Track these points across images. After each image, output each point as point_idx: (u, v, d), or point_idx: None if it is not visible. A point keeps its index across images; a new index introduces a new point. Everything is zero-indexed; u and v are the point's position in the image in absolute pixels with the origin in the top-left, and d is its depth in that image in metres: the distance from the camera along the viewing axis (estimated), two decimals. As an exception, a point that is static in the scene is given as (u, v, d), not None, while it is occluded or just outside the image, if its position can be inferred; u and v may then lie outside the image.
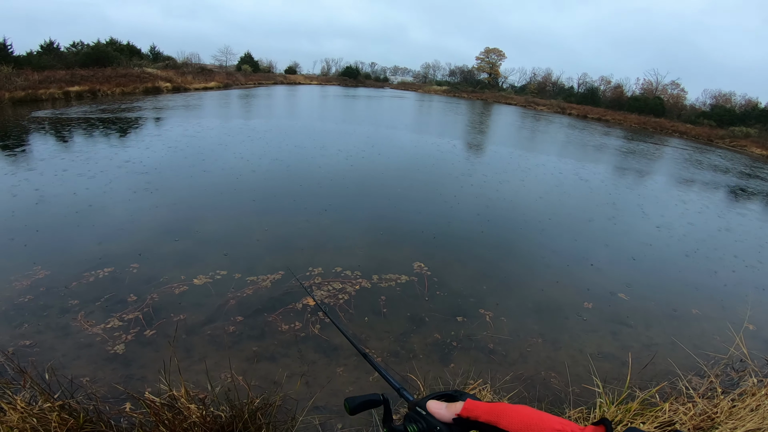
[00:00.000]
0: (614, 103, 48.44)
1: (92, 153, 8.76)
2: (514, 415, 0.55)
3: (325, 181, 8.23)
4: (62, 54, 25.44)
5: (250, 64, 47.21)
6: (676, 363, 3.56)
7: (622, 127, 35.64)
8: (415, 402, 0.66)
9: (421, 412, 0.64)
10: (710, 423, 2.46)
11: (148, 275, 4.32)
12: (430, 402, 0.64)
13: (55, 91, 17.21)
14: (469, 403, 0.61)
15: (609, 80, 54.50)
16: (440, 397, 0.66)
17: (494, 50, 61.94)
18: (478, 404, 0.60)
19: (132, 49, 32.67)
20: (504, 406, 0.58)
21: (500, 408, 0.57)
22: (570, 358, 3.74)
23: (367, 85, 58.57)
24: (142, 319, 3.64)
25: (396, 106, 29.77)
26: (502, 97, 51.55)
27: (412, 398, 0.68)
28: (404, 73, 74.45)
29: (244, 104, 22.14)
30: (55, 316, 3.60)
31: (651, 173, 14.24)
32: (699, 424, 2.47)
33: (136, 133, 11.39)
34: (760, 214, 10.52)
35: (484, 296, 4.65)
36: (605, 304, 4.79)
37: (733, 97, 46.40)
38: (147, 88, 22.53)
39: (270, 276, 4.53)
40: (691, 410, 2.58)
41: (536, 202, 8.48)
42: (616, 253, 6.38)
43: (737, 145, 30.70)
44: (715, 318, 4.77)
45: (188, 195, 6.76)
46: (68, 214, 5.62)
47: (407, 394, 0.71)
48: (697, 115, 42.79)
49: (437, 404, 0.64)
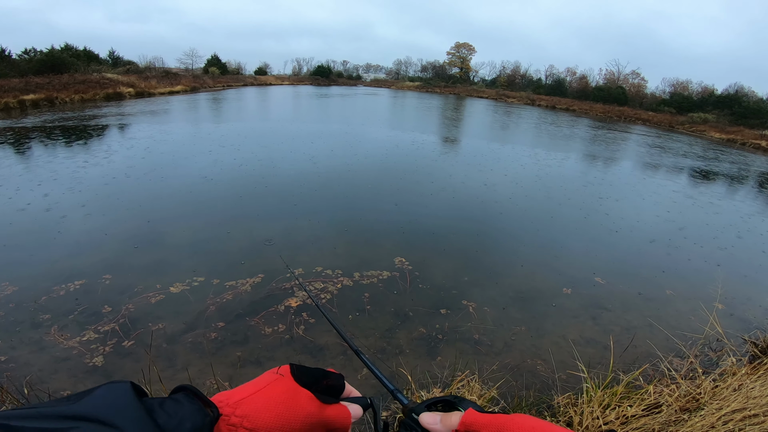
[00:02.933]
0: (580, 93, 49.93)
1: (53, 163, 8.33)
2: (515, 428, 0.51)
3: (301, 182, 8.12)
4: (14, 62, 24.11)
5: (217, 67, 46.07)
6: (655, 345, 3.69)
7: (588, 116, 36.78)
8: (411, 408, 0.61)
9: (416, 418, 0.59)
10: (695, 404, 2.54)
11: (122, 285, 4.16)
12: (424, 415, 0.59)
13: (9, 100, 16.29)
14: (468, 416, 0.55)
15: (574, 71, 56.17)
16: (436, 404, 0.61)
17: (464, 45, 62.73)
18: (477, 417, 0.54)
19: (89, 54, 31.41)
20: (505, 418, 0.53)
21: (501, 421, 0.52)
22: (554, 345, 3.82)
23: (340, 84, 58.28)
24: (119, 330, 3.50)
25: (370, 104, 29.70)
26: (474, 90, 52.32)
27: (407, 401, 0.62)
28: (377, 70, 74.41)
29: (212, 108, 21.58)
30: (27, 331, 3.44)
31: (618, 160, 14.75)
32: (685, 405, 2.54)
33: (99, 141, 10.92)
34: (726, 194, 11.07)
35: (466, 288, 4.70)
36: (583, 289, 4.93)
37: (690, 85, 48.65)
38: (108, 94, 21.59)
39: (250, 280, 4.43)
40: (675, 392, 2.65)
41: (513, 193, 8.63)
42: (592, 240, 6.58)
43: (696, 130, 32.22)
44: (689, 298, 4.96)
45: (159, 203, 6.53)
46: (34, 228, 5.33)
47: (402, 396, 0.64)
48: (658, 103, 44.60)
49: (431, 417, 0.58)
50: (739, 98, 38.93)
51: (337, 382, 0.61)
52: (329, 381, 0.60)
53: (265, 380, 0.56)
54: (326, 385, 0.59)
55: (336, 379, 0.61)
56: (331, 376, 0.60)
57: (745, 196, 11.02)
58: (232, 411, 0.48)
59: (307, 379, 0.57)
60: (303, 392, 0.55)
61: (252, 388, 0.54)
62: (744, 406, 2.30)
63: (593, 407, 2.51)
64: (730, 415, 2.27)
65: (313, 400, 0.55)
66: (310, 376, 0.57)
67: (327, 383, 0.59)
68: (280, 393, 0.53)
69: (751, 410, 2.26)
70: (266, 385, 0.54)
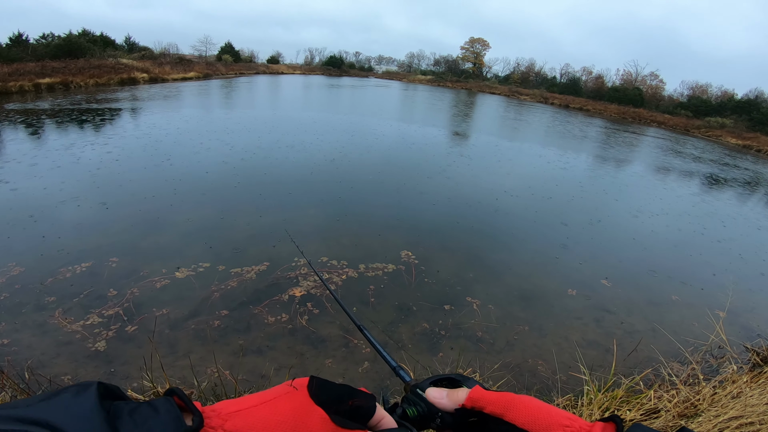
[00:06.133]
0: (595, 93, 49.16)
1: (67, 145, 8.43)
2: (521, 407, 0.51)
3: (310, 171, 8.12)
4: (32, 46, 24.35)
5: (230, 54, 46.13)
6: (658, 349, 3.64)
7: (602, 116, 36.21)
8: (415, 384, 0.61)
9: (421, 394, 0.58)
10: (693, 410, 2.52)
11: (128, 269, 4.20)
12: (430, 390, 0.58)
13: (25, 84, 16.46)
14: (475, 392, 0.55)
15: (590, 71, 55.35)
16: (441, 381, 0.61)
17: (479, 40, 62.07)
18: (484, 394, 0.54)
19: (106, 39, 31.54)
20: (511, 396, 0.53)
21: (507, 399, 0.52)
22: (556, 346, 3.79)
23: (351, 75, 58.05)
24: (122, 315, 3.54)
25: (380, 95, 29.55)
26: (486, 86, 51.76)
27: (410, 378, 0.62)
28: (389, 62, 74.01)
29: (224, 94, 21.64)
30: (31, 313, 3.47)
31: (629, 161, 14.52)
32: (683, 411, 2.52)
33: (111, 124, 11.01)
34: (740, 200, 10.86)
35: (470, 284, 4.67)
36: (588, 291, 4.87)
37: (710, 89, 47.65)
38: (122, 79, 21.73)
39: (255, 267, 4.45)
40: (675, 397, 2.64)
41: (525, 191, 8.54)
42: (601, 242, 6.50)
43: (712, 135, 31.55)
44: (694, 305, 4.89)
45: (167, 187, 6.58)
46: (44, 207, 5.41)
47: (404, 373, 0.65)
48: (675, 106, 43.78)
49: (438, 392, 0.58)
50: (758, 104, 38.03)
51: (367, 403, 0.51)
52: (356, 401, 0.50)
53: (275, 393, 0.48)
54: (351, 406, 0.50)
55: (366, 399, 0.52)
56: (360, 396, 0.51)
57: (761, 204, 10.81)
58: (220, 423, 0.42)
59: (326, 397, 0.48)
60: (317, 412, 0.46)
61: (255, 400, 0.46)
62: (741, 414, 2.28)
63: (593, 410, 2.49)
64: (727, 423, 2.25)
65: (327, 423, 0.46)
66: (331, 393, 0.49)
67: (353, 404, 0.50)
68: (288, 410, 0.45)
69: (747, 418, 2.23)
70: (273, 399, 0.47)
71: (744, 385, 2.78)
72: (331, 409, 0.47)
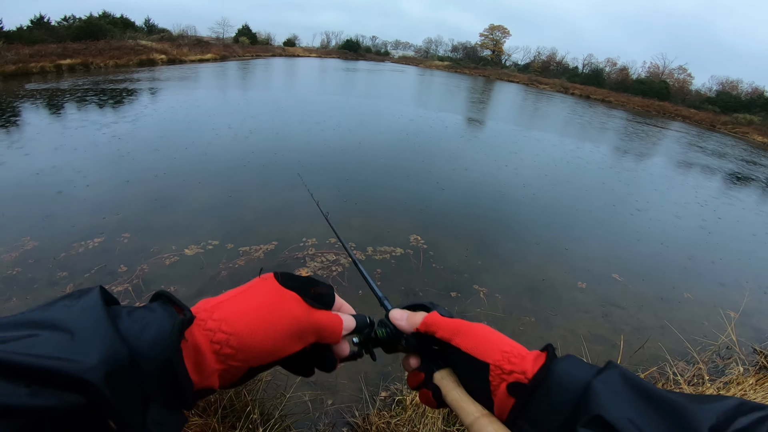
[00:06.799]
0: (619, 85, 47.72)
1: (85, 124, 8.56)
2: (468, 333, 0.53)
3: (321, 153, 8.09)
4: (53, 28, 24.70)
5: (248, 36, 46.05)
6: (665, 347, 3.55)
7: (625, 108, 35.17)
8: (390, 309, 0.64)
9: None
10: None
11: (139, 245, 4.26)
12: (393, 311, 0.62)
13: (46, 65, 16.72)
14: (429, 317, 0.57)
15: (615, 62, 53.67)
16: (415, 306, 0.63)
17: (498, 27, 60.74)
18: (437, 319, 0.56)
19: (126, 22, 31.85)
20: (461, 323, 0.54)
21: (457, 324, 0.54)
22: (561, 339, 3.73)
23: (368, 59, 57.51)
24: (131, 291, 3.58)
25: (396, 80, 29.17)
26: (504, 74, 50.72)
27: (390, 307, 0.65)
28: (406, 47, 72.95)
29: (240, 76, 21.66)
30: (43, 288, 3.52)
31: (651, 155, 14.11)
32: None
33: (129, 104, 11.13)
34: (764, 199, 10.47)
35: (478, 272, 4.61)
36: (598, 285, 4.77)
37: (740, 85, 45.87)
38: (141, 60, 21.88)
39: (263, 246, 4.47)
40: None
41: (535, 181, 8.37)
42: (614, 234, 6.35)
43: (739, 132, 30.45)
44: (707, 304, 4.75)
45: (181, 165, 6.63)
46: (60, 184, 5.51)
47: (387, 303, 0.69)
48: (702, 101, 42.28)
49: (399, 313, 0.60)
50: (788, 100, 36.44)
51: (327, 291, 0.56)
52: (318, 289, 0.54)
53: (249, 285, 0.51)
54: (314, 293, 0.53)
55: (326, 288, 0.56)
56: (320, 285, 0.55)
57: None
58: (209, 315, 0.44)
59: (293, 285, 0.52)
60: (289, 294, 0.50)
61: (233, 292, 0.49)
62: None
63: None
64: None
65: (301, 303, 0.50)
66: (296, 282, 0.52)
67: (315, 291, 0.54)
68: (264, 295, 0.49)
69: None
70: (249, 288, 0.50)
71: (749, 387, 2.72)
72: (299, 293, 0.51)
